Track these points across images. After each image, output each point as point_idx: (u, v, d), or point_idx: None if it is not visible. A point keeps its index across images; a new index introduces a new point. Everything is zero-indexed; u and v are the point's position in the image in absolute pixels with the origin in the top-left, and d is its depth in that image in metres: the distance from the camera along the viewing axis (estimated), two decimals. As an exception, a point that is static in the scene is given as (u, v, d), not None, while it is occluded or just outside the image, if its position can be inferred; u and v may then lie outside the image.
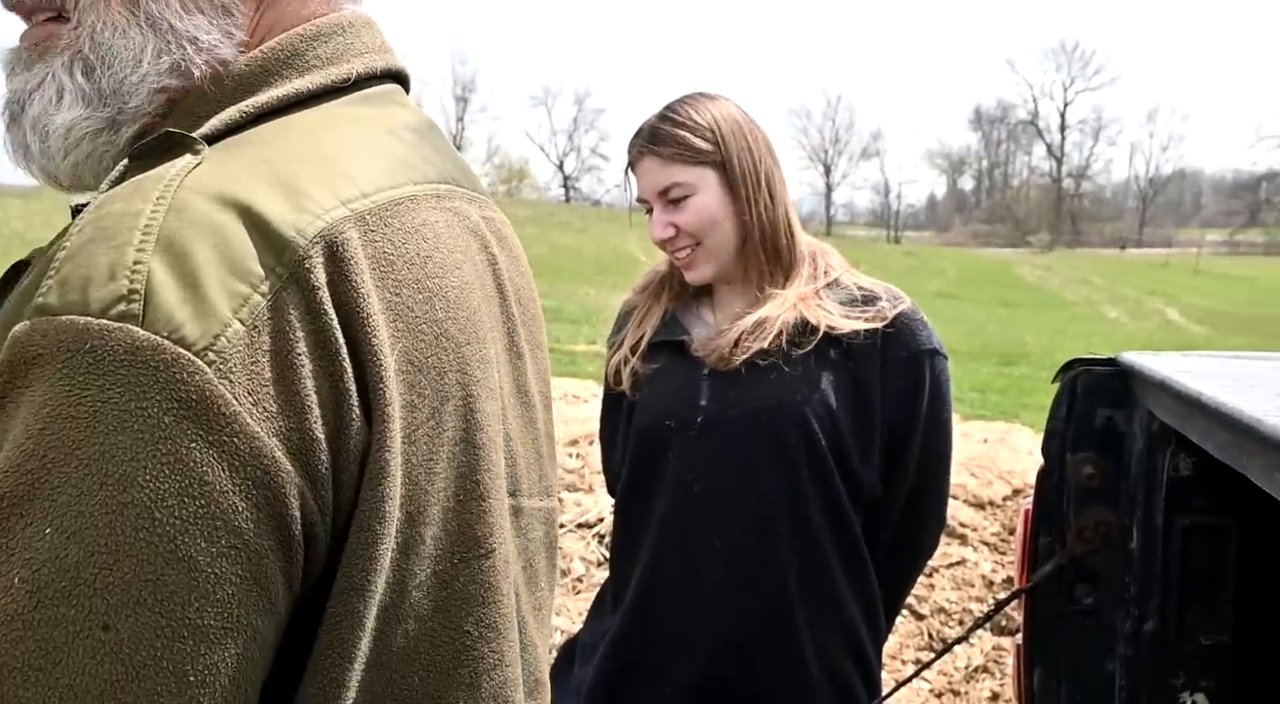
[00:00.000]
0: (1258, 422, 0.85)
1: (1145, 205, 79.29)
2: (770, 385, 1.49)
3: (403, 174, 0.67)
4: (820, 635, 1.52)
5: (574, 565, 4.12)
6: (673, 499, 1.53)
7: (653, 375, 1.58)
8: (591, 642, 1.65)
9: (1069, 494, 1.41)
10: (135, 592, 0.50)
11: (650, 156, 1.55)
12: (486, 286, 0.72)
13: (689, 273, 1.58)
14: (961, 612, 3.91)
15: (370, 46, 0.73)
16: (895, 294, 1.55)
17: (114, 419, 0.50)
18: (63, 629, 0.49)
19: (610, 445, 1.71)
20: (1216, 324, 19.28)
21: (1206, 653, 1.33)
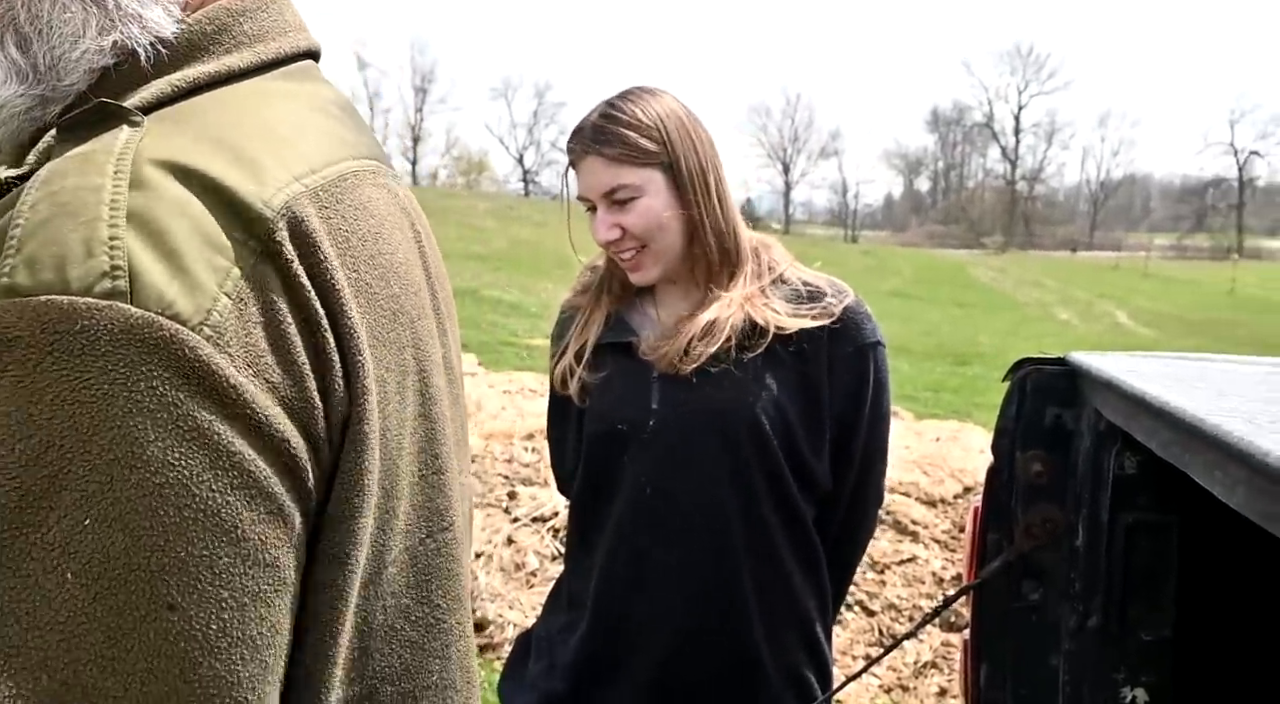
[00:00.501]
0: (1200, 421, 0.87)
1: (1096, 209, 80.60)
2: (721, 386, 1.49)
3: (341, 150, 0.67)
4: (776, 631, 1.53)
5: (529, 559, 4.11)
6: (628, 501, 1.53)
7: (601, 381, 1.56)
8: (547, 636, 1.65)
9: (1018, 492, 1.43)
10: (192, 569, 0.50)
11: (594, 156, 1.50)
12: (418, 263, 0.73)
13: (634, 274, 1.55)
14: (912, 608, 3.95)
15: (291, 24, 0.72)
16: (839, 288, 1.56)
17: (126, 401, 0.49)
18: (128, 616, 0.49)
19: (560, 448, 1.70)
20: (1164, 327, 19.64)
21: (1148, 648, 1.36)
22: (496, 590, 3.95)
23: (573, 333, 1.62)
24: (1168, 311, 23.17)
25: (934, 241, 65.38)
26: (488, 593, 3.92)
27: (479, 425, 5.84)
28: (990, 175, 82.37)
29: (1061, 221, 79.18)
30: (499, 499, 4.62)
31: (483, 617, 3.77)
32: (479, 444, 5.47)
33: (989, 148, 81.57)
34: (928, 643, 3.71)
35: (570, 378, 1.58)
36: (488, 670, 3.51)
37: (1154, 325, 20.01)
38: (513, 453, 5.29)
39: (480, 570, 4.05)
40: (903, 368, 10.97)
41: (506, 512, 4.50)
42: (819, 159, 79.52)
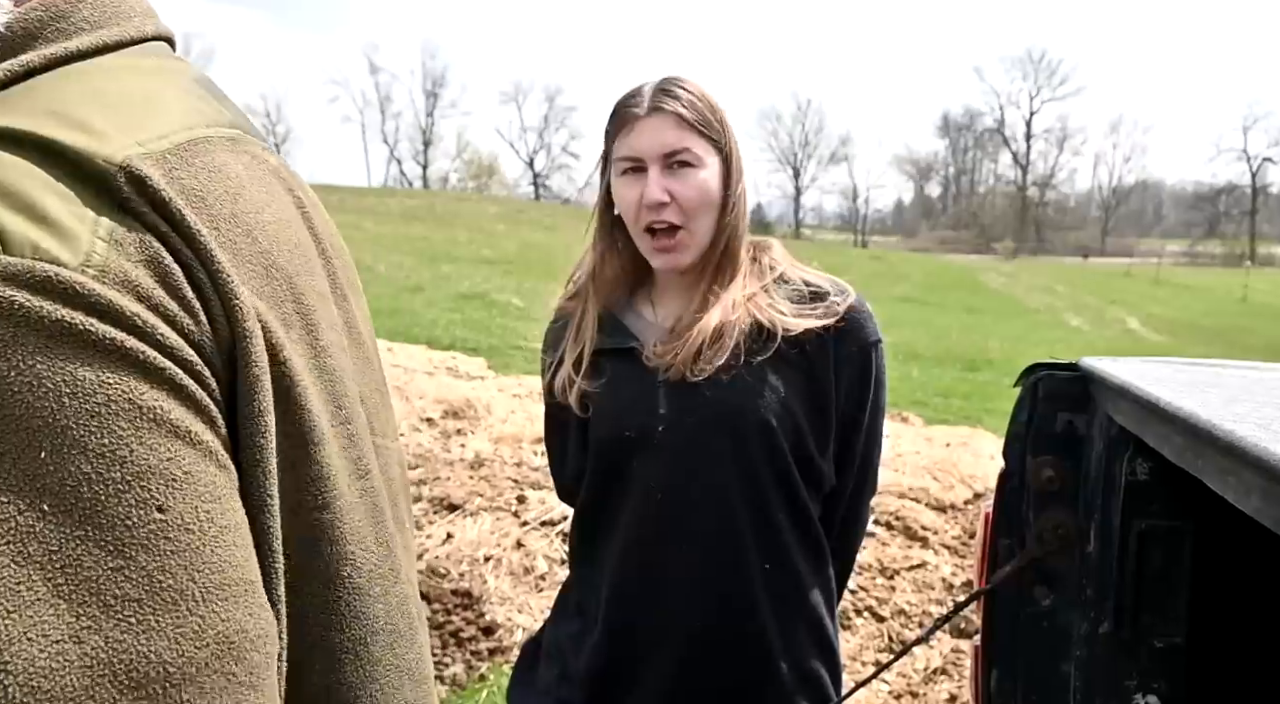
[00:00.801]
0: (1212, 426, 0.87)
1: (1108, 215, 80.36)
2: (729, 390, 1.48)
3: (194, 117, 0.65)
4: (789, 631, 1.53)
5: (538, 563, 4.11)
6: (637, 508, 1.52)
7: (603, 388, 1.53)
8: (557, 644, 1.64)
9: (1029, 497, 1.43)
10: (164, 469, 0.51)
11: (664, 114, 1.45)
12: (300, 227, 0.71)
13: (663, 256, 1.49)
14: (921, 614, 3.94)
15: (136, 9, 0.70)
16: (841, 287, 1.55)
17: (33, 345, 0.47)
18: (126, 525, 0.49)
19: (560, 457, 1.66)
20: (1176, 333, 19.56)
21: (1160, 655, 1.35)
22: (506, 594, 3.95)
23: (567, 340, 1.57)
24: (1180, 318, 23.07)
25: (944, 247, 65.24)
26: (497, 596, 3.92)
27: (489, 430, 5.85)
28: (1001, 181, 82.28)
29: (1073, 227, 78.98)
30: (508, 503, 4.62)
31: (492, 620, 3.77)
32: (488, 448, 5.48)
33: (1000, 153, 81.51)
34: (938, 649, 3.70)
35: (569, 388, 1.54)
36: (497, 674, 3.51)
37: (1166, 332, 19.93)
38: (522, 457, 5.30)
39: (489, 574, 4.06)
40: (913, 373, 10.95)
41: (515, 515, 4.51)
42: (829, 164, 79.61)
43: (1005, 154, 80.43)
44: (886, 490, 4.90)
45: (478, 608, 3.82)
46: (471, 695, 3.39)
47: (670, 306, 1.57)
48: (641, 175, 1.47)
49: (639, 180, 1.47)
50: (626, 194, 1.48)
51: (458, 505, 4.58)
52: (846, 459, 1.57)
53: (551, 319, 1.67)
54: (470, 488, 4.75)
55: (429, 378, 7.00)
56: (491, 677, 3.49)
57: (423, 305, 13.86)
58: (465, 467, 5.10)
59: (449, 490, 4.71)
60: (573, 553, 1.67)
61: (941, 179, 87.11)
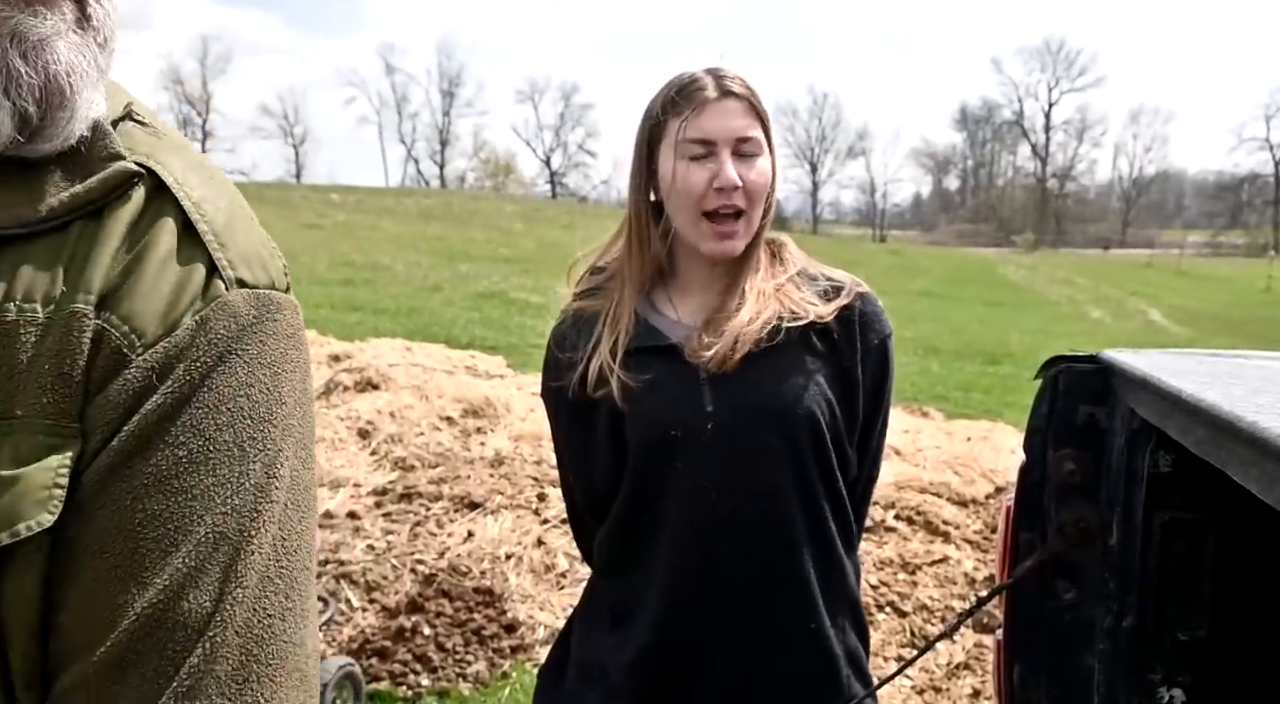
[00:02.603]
0: (1236, 417, 0.86)
1: (1128, 206, 79.75)
2: (773, 384, 1.47)
3: None
4: (837, 617, 1.55)
5: (559, 560, 4.12)
6: (687, 508, 1.48)
7: (645, 386, 1.48)
8: (597, 661, 1.57)
9: (1050, 491, 1.42)
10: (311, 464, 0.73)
11: (737, 99, 1.46)
12: None
13: (723, 243, 1.47)
14: (944, 609, 3.93)
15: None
16: (855, 280, 1.57)
17: (306, 364, 0.72)
18: (308, 494, 0.72)
19: (582, 458, 1.58)
20: (1198, 325, 19.40)
21: (1184, 648, 1.34)
22: (527, 592, 3.96)
23: (599, 332, 1.52)
24: (1202, 309, 22.88)
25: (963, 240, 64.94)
26: (518, 594, 3.93)
27: (509, 428, 5.86)
28: (1020, 173, 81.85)
29: (1093, 219, 78.46)
30: (529, 501, 4.64)
31: (514, 618, 3.79)
32: (509, 446, 5.49)
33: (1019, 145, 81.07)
34: (960, 644, 3.69)
35: (609, 376, 1.48)
36: (519, 671, 3.52)
37: (1188, 323, 19.76)
38: (542, 454, 5.31)
39: (511, 572, 4.07)
40: (932, 367, 10.91)
41: (536, 513, 4.52)
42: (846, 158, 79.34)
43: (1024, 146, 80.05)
44: (908, 485, 4.89)
45: (499, 605, 3.83)
46: (495, 693, 3.41)
47: (691, 303, 1.54)
48: (709, 158, 1.45)
49: (708, 163, 1.45)
50: (693, 176, 1.45)
51: (478, 503, 4.60)
52: (865, 447, 1.59)
53: (560, 318, 1.60)
54: (491, 486, 4.77)
55: (448, 377, 7.03)
56: (514, 674, 3.51)
57: (441, 304, 13.91)
58: (485, 465, 5.12)
59: (469, 489, 4.72)
60: (603, 561, 1.60)
61: (960, 172, 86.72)
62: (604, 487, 1.55)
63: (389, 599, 3.89)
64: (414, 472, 5.11)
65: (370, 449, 5.47)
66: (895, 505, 4.60)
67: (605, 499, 1.57)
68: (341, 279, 16.47)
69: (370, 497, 4.85)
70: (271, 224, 3.66)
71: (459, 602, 3.83)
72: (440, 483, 4.86)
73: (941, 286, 24.90)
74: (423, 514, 4.54)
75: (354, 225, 27.13)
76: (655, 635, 1.50)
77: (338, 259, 19.14)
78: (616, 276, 1.56)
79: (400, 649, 3.60)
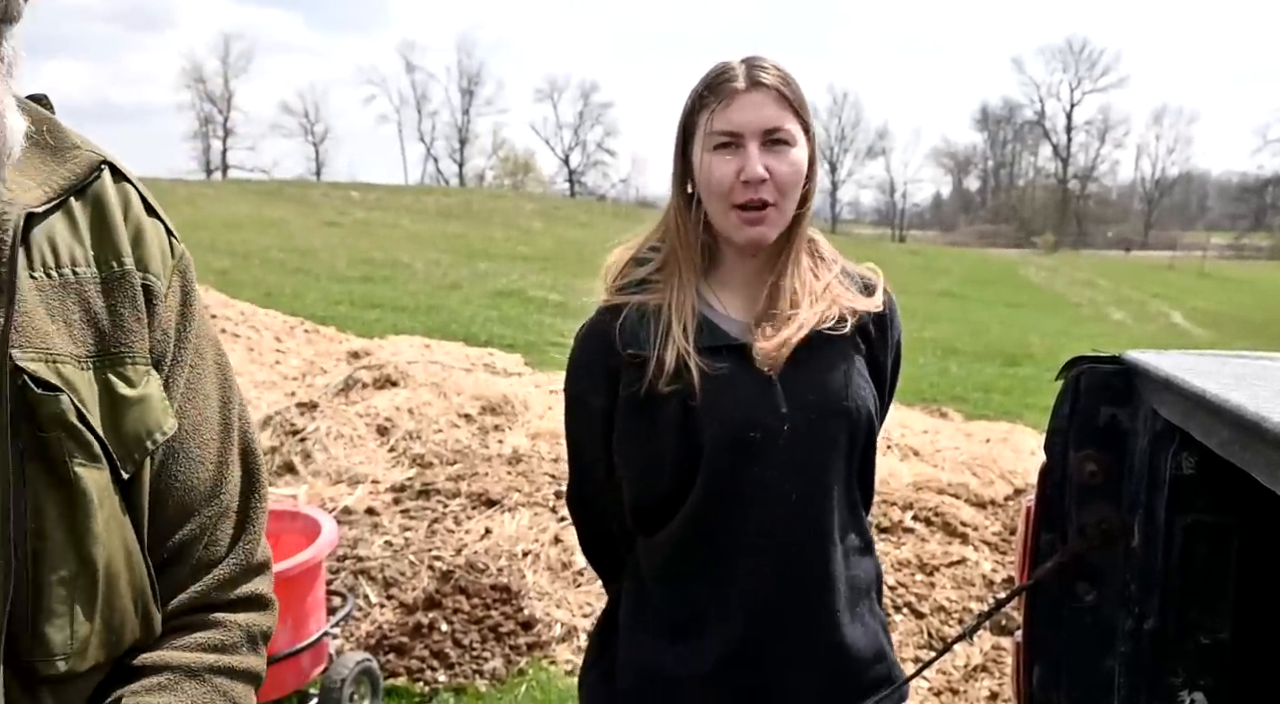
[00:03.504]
0: (1261, 419, 0.85)
1: (1151, 207, 79.09)
2: (838, 384, 1.48)
3: None
4: (876, 604, 1.59)
5: (576, 558, 4.12)
6: (768, 510, 1.46)
7: (723, 381, 1.44)
8: (659, 673, 1.52)
9: (1071, 492, 1.41)
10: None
11: (765, 89, 1.44)
12: None
13: (752, 229, 1.45)
14: (961, 611, 3.91)
15: None
16: (879, 275, 1.60)
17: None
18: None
19: (653, 464, 1.49)
20: (1221, 327, 19.24)
21: (1206, 652, 1.33)
22: (544, 589, 3.97)
23: (669, 325, 1.45)
24: (1225, 312, 22.69)
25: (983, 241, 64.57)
26: (535, 591, 3.94)
27: (526, 426, 5.87)
28: (1041, 173, 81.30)
29: (1115, 220, 77.83)
30: (546, 499, 4.64)
31: (530, 615, 3.79)
32: (526, 444, 5.50)
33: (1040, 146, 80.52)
34: (978, 646, 3.67)
35: (687, 370, 1.42)
36: (536, 669, 3.53)
37: (1211, 326, 19.61)
38: (559, 452, 5.31)
39: (527, 569, 4.08)
40: (952, 369, 10.86)
41: (553, 511, 4.52)
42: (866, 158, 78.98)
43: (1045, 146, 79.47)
44: (926, 486, 4.87)
45: (516, 603, 3.84)
46: (511, 689, 3.42)
47: (736, 298, 1.52)
48: (737, 151, 1.44)
49: (735, 156, 1.44)
50: (720, 169, 1.44)
51: (496, 501, 4.61)
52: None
53: (605, 312, 1.53)
54: (508, 483, 4.77)
55: (466, 374, 7.04)
56: (530, 671, 3.51)
57: (460, 302, 13.95)
58: (503, 462, 5.13)
59: (487, 486, 4.73)
60: (659, 567, 1.53)
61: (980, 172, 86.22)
62: (665, 491, 1.49)
63: (406, 595, 3.91)
64: (432, 469, 5.13)
65: (389, 446, 5.49)
66: (913, 506, 4.58)
67: (664, 502, 1.50)
68: (361, 276, 16.54)
69: (388, 493, 4.87)
70: (291, 221, 3.72)
71: (476, 599, 3.84)
72: (458, 480, 4.87)
73: (961, 287, 24.78)
74: (440, 511, 4.56)
75: (373, 223, 27.23)
76: (736, 646, 1.47)
77: (357, 256, 19.22)
78: (667, 269, 1.52)
79: (417, 645, 3.61)
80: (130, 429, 0.86)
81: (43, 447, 0.79)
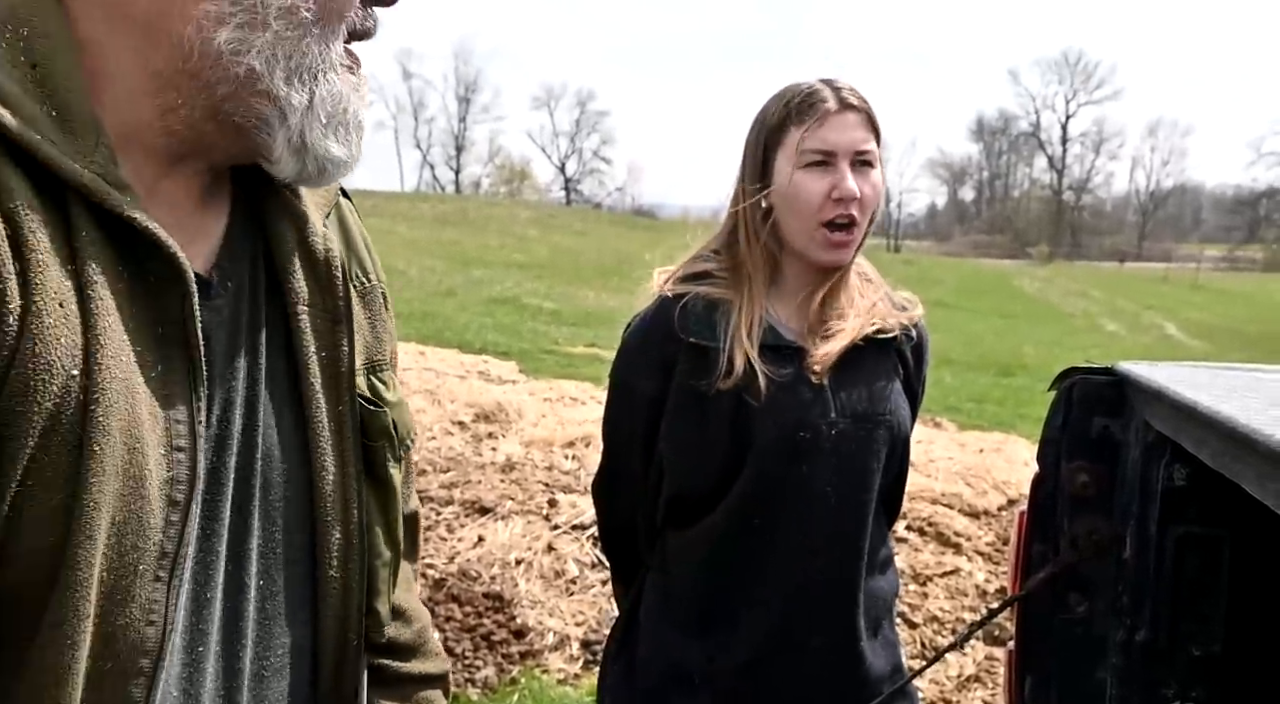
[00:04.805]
0: (1252, 431, 0.85)
1: (1145, 219, 79.36)
2: (881, 396, 1.54)
3: None
4: (891, 622, 1.64)
5: (569, 566, 4.11)
6: (809, 511, 1.50)
7: (783, 381, 1.49)
8: (684, 668, 1.55)
9: (1063, 503, 1.41)
10: None
11: (857, 112, 1.50)
12: None
13: (836, 251, 1.50)
14: (955, 621, 3.91)
15: None
16: (917, 302, 1.66)
17: None
18: None
19: (704, 455, 1.52)
20: (1215, 339, 19.28)
21: (1197, 663, 1.33)
22: (537, 597, 3.96)
23: (740, 320, 1.49)
24: (1219, 324, 22.74)
25: (978, 251, 64.73)
26: (528, 600, 3.93)
27: (520, 433, 5.86)
28: (1036, 185, 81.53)
29: (1109, 232, 78.09)
30: (539, 507, 4.63)
31: (523, 624, 3.78)
32: (520, 452, 5.49)
33: (1035, 157, 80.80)
34: (971, 656, 3.67)
35: (753, 369, 1.46)
36: (528, 677, 3.52)
37: (1205, 337, 19.65)
38: (553, 460, 5.31)
39: (520, 577, 4.07)
40: (945, 379, 10.86)
41: (546, 519, 4.52)
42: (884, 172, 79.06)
43: (1040, 158, 79.74)
44: (919, 496, 4.87)
45: (509, 611, 3.83)
46: (503, 698, 3.41)
47: (789, 308, 1.57)
48: (829, 169, 1.48)
49: (827, 173, 1.48)
50: (812, 186, 1.48)
51: (489, 509, 4.60)
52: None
53: (668, 299, 1.54)
54: (501, 491, 4.77)
55: (460, 381, 7.04)
56: (523, 680, 3.50)
57: (455, 309, 13.93)
58: (496, 470, 5.12)
59: (480, 494, 4.73)
60: (692, 562, 1.56)
61: (975, 183, 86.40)
62: (709, 483, 1.52)
63: (398, 603, 3.89)
64: (425, 476, 5.12)
65: (382, 453, 5.48)
66: (907, 516, 4.57)
67: (706, 495, 1.53)
68: (356, 283, 16.48)
69: (381, 500, 4.85)
70: (287, 227, 3.52)
71: (468, 607, 3.83)
72: (451, 488, 4.86)
73: (956, 298, 24.82)
74: (433, 519, 4.54)
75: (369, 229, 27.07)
76: (770, 637, 1.52)
77: (352, 263, 19.14)
78: (738, 271, 1.55)
79: (409, 653, 3.59)
80: (400, 432, 0.94)
81: (369, 453, 0.89)
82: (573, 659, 3.60)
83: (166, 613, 0.72)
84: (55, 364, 0.64)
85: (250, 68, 0.73)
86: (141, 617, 0.70)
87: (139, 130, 0.74)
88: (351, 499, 0.87)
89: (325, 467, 0.85)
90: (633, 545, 1.67)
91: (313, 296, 0.85)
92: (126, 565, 0.69)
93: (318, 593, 0.86)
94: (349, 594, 0.88)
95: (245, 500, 0.81)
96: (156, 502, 0.70)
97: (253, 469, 0.81)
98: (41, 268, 0.64)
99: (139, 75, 0.72)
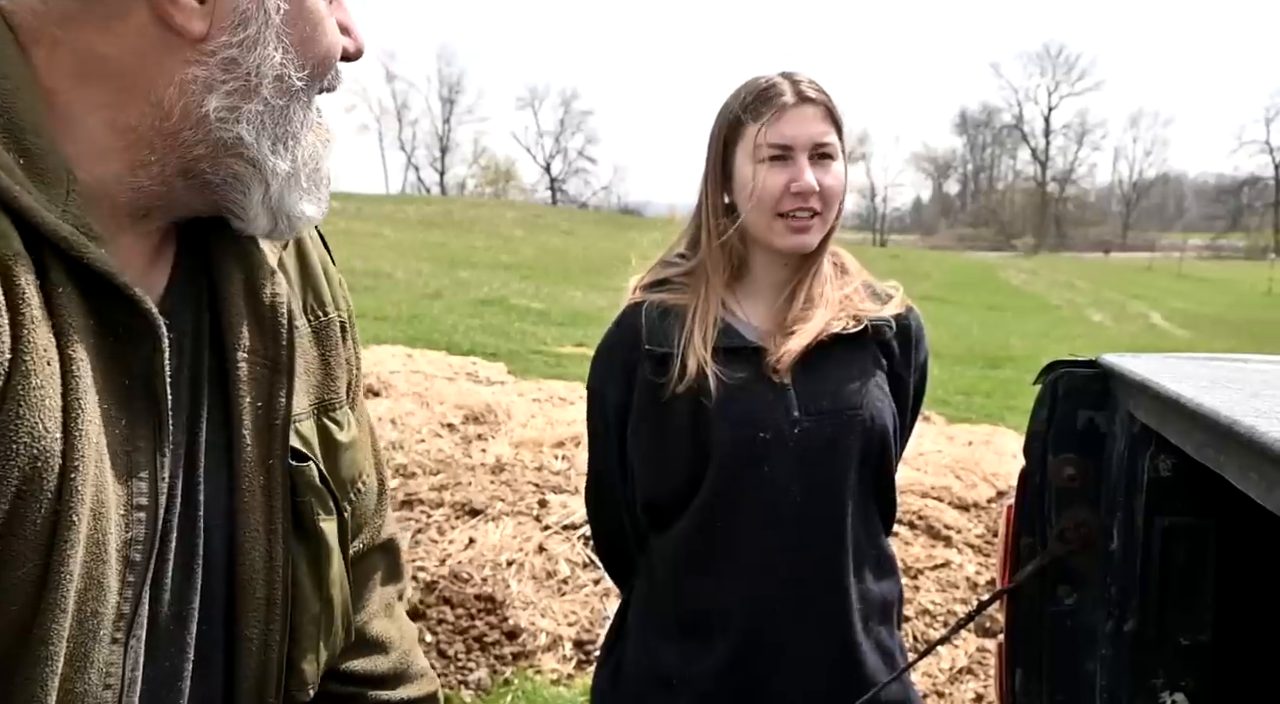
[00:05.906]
0: (1234, 422, 0.86)
1: (1129, 209, 79.70)
2: (851, 392, 1.52)
3: None
4: (894, 627, 1.63)
5: (560, 567, 4.11)
6: (773, 511, 1.50)
7: (737, 384, 1.48)
8: (664, 673, 1.55)
9: (1050, 495, 1.42)
10: None
11: (815, 105, 1.50)
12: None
13: (799, 237, 1.50)
14: (946, 613, 3.92)
15: None
16: (900, 291, 1.64)
17: None
18: None
19: (667, 462, 1.54)
20: (1199, 328, 19.38)
21: (1186, 653, 1.34)
22: (529, 598, 3.96)
23: (692, 327, 1.50)
24: (1203, 312, 22.86)
25: (964, 244, 64.91)
26: (519, 601, 3.93)
27: (509, 434, 5.86)
28: (1020, 177, 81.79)
29: (1093, 223, 78.36)
30: (529, 507, 4.63)
31: (515, 625, 3.78)
32: (509, 453, 5.49)
33: (1019, 149, 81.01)
34: (963, 649, 3.68)
35: (704, 373, 1.47)
36: (521, 679, 3.51)
37: (1189, 326, 19.75)
38: (542, 461, 5.30)
39: (512, 579, 4.06)
40: (933, 372, 10.90)
41: (537, 520, 4.51)
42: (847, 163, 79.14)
43: (1024, 150, 79.90)
44: (909, 489, 4.88)
45: (501, 612, 3.83)
46: (497, 700, 3.40)
47: (760, 306, 1.56)
48: (788, 163, 1.49)
49: (785, 167, 1.49)
50: (771, 180, 1.49)
51: (479, 510, 4.59)
52: (900, 451, 1.65)
53: (632, 310, 1.56)
54: (491, 492, 4.76)
55: (449, 383, 7.02)
56: (516, 681, 3.50)
57: (442, 311, 13.89)
58: (486, 471, 5.11)
59: (470, 495, 4.72)
60: (670, 566, 1.57)
61: (960, 176, 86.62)
62: (676, 487, 1.54)
63: (390, 606, 3.88)
64: (415, 478, 5.11)
65: (371, 456, 5.46)
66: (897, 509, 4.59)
67: (676, 498, 1.54)
68: (342, 286, 16.42)
69: (371, 504, 4.84)
70: (271, 232, 3.49)
71: (460, 609, 3.82)
72: (441, 489, 4.85)
73: (942, 291, 24.86)
74: (424, 521, 4.54)
75: (354, 232, 27.13)
76: (744, 638, 1.51)
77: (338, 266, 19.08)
78: (697, 273, 1.56)
79: (402, 657, 3.58)
80: (345, 473, 0.91)
81: (298, 509, 0.86)
82: (566, 659, 3.60)
83: (124, 675, 0.70)
84: (38, 426, 0.61)
85: (238, 136, 0.72)
86: (99, 681, 0.68)
87: (106, 182, 0.71)
88: (276, 556, 0.84)
89: (249, 523, 0.82)
90: (626, 550, 1.67)
91: (253, 343, 0.82)
92: (87, 632, 0.67)
93: (235, 651, 0.83)
94: (269, 651, 0.84)
95: (189, 558, 0.78)
96: (114, 565, 0.68)
97: (195, 526, 0.79)
98: (34, 323, 0.61)
99: (105, 129, 0.70)
